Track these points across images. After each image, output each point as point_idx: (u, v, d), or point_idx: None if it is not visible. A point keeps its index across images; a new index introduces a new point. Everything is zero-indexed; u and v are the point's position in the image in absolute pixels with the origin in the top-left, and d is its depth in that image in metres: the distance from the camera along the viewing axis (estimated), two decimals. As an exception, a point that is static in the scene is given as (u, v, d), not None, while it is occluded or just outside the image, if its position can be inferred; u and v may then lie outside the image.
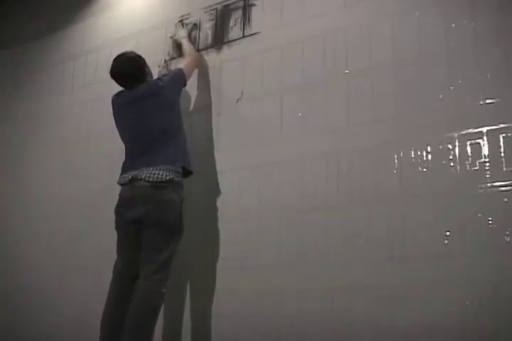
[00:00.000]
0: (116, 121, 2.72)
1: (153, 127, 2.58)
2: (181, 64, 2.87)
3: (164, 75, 2.74)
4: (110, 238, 2.58)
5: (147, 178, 2.46)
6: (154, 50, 3.16)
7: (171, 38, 3.16)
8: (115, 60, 2.71)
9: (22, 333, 3.27)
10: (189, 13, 3.13)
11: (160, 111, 2.60)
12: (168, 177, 2.46)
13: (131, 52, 2.75)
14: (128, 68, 2.67)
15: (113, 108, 2.73)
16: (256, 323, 2.46)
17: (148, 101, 2.60)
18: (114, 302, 2.45)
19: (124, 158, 2.66)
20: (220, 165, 2.78)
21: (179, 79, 2.73)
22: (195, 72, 2.93)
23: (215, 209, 2.72)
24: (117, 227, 2.57)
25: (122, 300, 2.43)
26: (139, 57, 2.73)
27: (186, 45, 2.99)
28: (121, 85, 2.71)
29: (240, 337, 2.49)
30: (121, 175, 2.60)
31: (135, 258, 2.47)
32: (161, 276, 2.39)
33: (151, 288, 2.37)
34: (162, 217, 2.44)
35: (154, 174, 2.46)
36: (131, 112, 2.64)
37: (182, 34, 3.07)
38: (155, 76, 2.86)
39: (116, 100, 2.72)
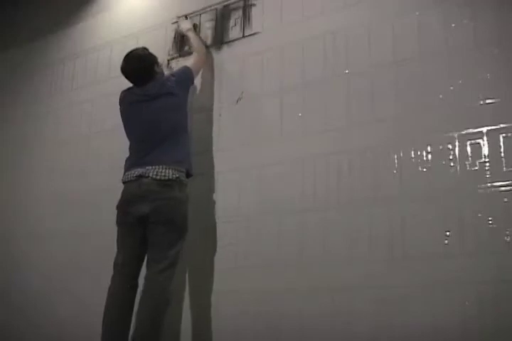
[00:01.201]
0: (123, 119, 2.71)
1: (160, 127, 2.58)
2: (189, 61, 2.86)
3: (172, 75, 2.73)
4: (110, 238, 2.58)
5: (154, 176, 2.46)
6: (154, 50, 3.11)
7: (176, 31, 3.12)
8: (125, 56, 2.69)
9: (22, 333, 3.27)
10: (189, 13, 3.12)
11: (168, 112, 2.60)
12: (174, 176, 2.48)
13: (142, 50, 2.73)
14: (136, 66, 2.66)
15: (120, 105, 2.72)
16: (256, 323, 2.46)
17: (157, 102, 2.60)
18: (114, 300, 2.44)
19: (126, 157, 2.65)
20: (220, 165, 2.78)
21: (187, 78, 2.73)
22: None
23: (215, 209, 2.72)
24: (119, 224, 2.56)
25: (123, 298, 2.44)
26: (149, 54, 2.71)
27: (193, 39, 2.94)
28: (131, 82, 2.71)
29: (240, 337, 2.49)
30: (125, 172, 2.59)
31: (136, 255, 2.48)
32: (169, 274, 2.41)
33: (161, 286, 2.38)
34: (170, 215, 2.45)
35: (161, 172, 2.47)
36: (139, 111, 2.64)
37: (186, 26, 3.02)
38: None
39: (125, 98, 2.71)
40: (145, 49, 2.74)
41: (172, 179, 2.47)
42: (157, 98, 2.61)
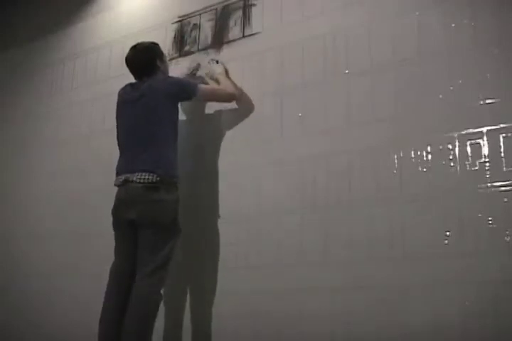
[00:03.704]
0: (116, 116, 2.70)
1: (143, 129, 2.54)
2: (210, 84, 2.82)
3: (172, 79, 2.68)
4: (111, 238, 2.58)
5: (138, 180, 2.46)
6: (154, 50, 3.15)
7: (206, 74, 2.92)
8: (132, 46, 2.72)
9: (22, 333, 3.27)
10: (189, 13, 3.13)
11: (149, 114, 2.55)
12: (159, 178, 2.45)
13: (151, 43, 2.74)
14: (137, 58, 2.67)
15: (117, 101, 2.71)
16: (256, 323, 2.46)
17: (142, 102, 2.57)
18: (110, 303, 2.44)
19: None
20: (220, 165, 2.77)
21: (183, 88, 2.62)
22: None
23: (214, 209, 2.72)
24: (114, 228, 2.57)
25: (119, 301, 2.42)
26: (155, 48, 2.72)
27: (225, 81, 2.75)
28: (131, 72, 2.70)
29: (240, 337, 2.49)
30: (116, 176, 2.59)
31: (129, 258, 2.47)
32: (157, 277, 2.39)
33: (147, 290, 2.38)
34: (156, 218, 2.44)
35: (145, 175, 2.45)
36: (126, 111, 2.63)
37: (218, 70, 2.82)
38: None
39: (121, 95, 2.71)
40: (153, 43, 2.75)
41: (156, 182, 2.45)
42: (142, 98, 2.57)
